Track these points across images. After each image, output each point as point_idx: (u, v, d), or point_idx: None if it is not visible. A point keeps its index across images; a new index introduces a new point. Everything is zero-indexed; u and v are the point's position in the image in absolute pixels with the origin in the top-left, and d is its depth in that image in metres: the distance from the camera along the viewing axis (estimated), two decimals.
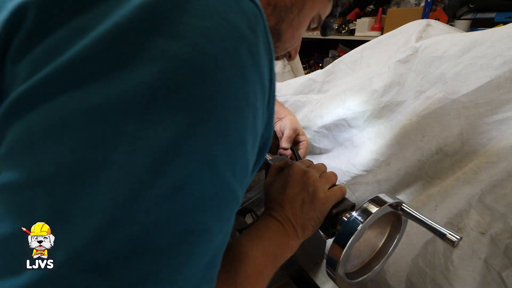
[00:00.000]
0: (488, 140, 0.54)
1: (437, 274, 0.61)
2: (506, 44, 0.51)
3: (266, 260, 0.37)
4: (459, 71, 0.56)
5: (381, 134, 0.71)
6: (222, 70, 0.21)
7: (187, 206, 0.20)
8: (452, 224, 0.59)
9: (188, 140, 0.20)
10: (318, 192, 0.42)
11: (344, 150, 0.81)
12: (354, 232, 0.37)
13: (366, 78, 0.77)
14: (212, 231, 0.22)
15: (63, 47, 0.19)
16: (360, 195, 0.75)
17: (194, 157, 0.20)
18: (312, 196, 0.42)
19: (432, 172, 0.62)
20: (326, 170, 0.49)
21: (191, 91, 0.20)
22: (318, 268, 0.65)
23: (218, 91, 0.21)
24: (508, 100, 0.51)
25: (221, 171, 0.22)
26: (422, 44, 0.64)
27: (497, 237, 0.53)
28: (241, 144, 0.23)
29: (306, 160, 0.56)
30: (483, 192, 0.54)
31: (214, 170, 0.21)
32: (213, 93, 0.21)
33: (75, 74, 0.19)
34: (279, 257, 0.39)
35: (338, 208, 0.43)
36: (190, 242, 0.21)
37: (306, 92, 0.99)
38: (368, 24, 2.18)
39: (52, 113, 0.19)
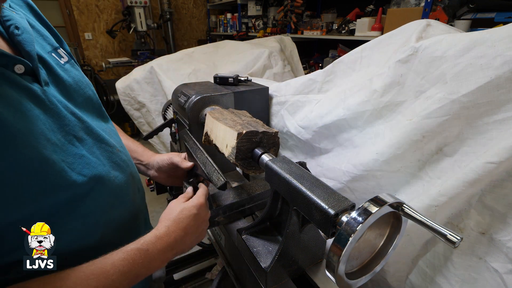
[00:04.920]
0: (488, 140, 0.54)
1: (437, 274, 0.61)
2: (506, 44, 0.51)
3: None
4: (459, 71, 0.56)
5: (381, 134, 0.71)
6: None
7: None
8: (452, 224, 0.59)
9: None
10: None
11: (344, 150, 0.81)
12: (354, 232, 0.37)
13: (366, 78, 0.77)
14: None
15: None
16: (360, 195, 0.75)
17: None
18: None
19: (432, 172, 0.62)
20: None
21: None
22: (318, 268, 0.65)
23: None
24: (508, 100, 0.51)
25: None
26: (422, 44, 0.64)
27: (497, 237, 0.53)
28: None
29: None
30: (483, 192, 0.54)
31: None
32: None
33: None
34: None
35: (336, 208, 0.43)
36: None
37: (306, 92, 0.99)
38: (368, 24, 2.18)
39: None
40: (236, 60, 1.69)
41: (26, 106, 0.42)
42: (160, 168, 0.78)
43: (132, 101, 1.80)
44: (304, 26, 2.82)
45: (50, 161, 0.43)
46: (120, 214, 0.57)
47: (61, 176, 0.44)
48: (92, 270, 0.44)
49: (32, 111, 0.43)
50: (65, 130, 0.48)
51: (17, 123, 0.40)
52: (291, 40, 1.98)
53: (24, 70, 0.44)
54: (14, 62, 0.43)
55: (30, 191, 0.40)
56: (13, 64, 0.43)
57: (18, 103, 0.41)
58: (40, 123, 0.43)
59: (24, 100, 0.42)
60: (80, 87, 0.57)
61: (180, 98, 0.98)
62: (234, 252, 0.75)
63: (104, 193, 0.52)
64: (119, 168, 0.57)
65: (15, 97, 0.41)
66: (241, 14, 3.88)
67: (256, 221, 0.68)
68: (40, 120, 0.44)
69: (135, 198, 0.63)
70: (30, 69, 0.45)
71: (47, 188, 0.42)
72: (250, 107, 1.01)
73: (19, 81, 0.43)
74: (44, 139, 0.43)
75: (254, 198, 0.81)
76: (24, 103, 0.42)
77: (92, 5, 3.89)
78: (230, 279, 0.78)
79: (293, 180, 0.50)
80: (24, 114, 0.41)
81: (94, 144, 0.53)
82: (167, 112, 1.42)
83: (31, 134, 0.41)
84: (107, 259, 0.46)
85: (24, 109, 0.42)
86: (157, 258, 0.51)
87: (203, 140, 0.79)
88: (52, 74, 0.51)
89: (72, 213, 0.47)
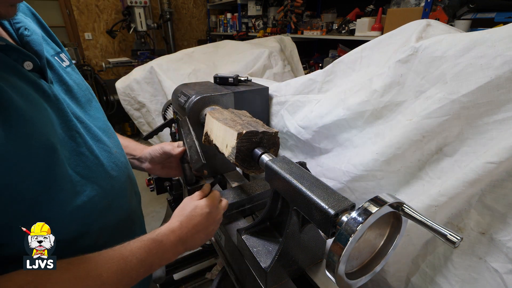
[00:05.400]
0: (488, 140, 0.54)
1: (437, 274, 0.61)
2: (506, 44, 0.51)
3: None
4: (459, 71, 0.56)
5: (381, 134, 0.71)
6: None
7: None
8: (452, 224, 0.59)
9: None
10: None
11: (344, 150, 0.81)
12: (354, 232, 0.37)
13: (366, 78, 0.77)
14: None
15: None
16: (360, 195, 0.75)
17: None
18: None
19: (432, 172, 0.62)
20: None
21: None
22: (318, 268, 0.65)
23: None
24: (508, 100, 0.51)
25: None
26: (422, 44, 0.64)
27: (497, 237, 0.53)
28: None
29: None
30: (483, 192, 0.54)
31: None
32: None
33: None
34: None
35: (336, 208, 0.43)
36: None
37: (306, 92, 0.99)
38: (368, 24, 2.18)
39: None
40: (236, 60, 1.69)
41: (35, 97, 0.44)
42: (153, 159, 0.79)
43: (132, 101, 1.80)
44: (304, 26, 2.82)
45: (56, 151, 0.44)
46: (117, 217, 0.57)
47: (60, 169, 0.45)
48: (111, 255, 0.46)
49: (40, 102, 0.45)
50: (67, 126, 0.49)
51: (27, 109, 0.41)
52: (291, 40, 1.98)
53: (33, 67, 0.46)
54: (24, 59, 0.45)
55: (32, 178, 0.41)
56: (23, 60, 0.45)
57: (28, 93, 0.43)
58: (48, 114, 0.45)
59: (32, 92, 0.44)
60: (81, 89, 0.59)
61: (180, 98, 0.98)
62: (234, 252, 0.75)
63: (101, 194, 0.52)
64: (116, 169, 0.57)
65: (25, 88, 0.43)
66: (241, 14, 3.88)
67: (256, 221, 0.68)
68: (48, 111, 0.46)
69: (131, 201, 0.63)
70: (38, 66, 0.47)
71: (48, 179, 0.43)
72: (250, 107, 1.01)
73: (28, 76, 0.45)
74: (51, 128, 0.45)
75: (254, 198, 0.81)
76: (33, 94, 0.44)
77: (92, 5, 3.89)
78: (230, 279, 0.78)
79: (293, 180, 0.50)
80: (34, 103, 0.43)
81: (92, 144, 0.53)
82: (167, 112, 1.42)
83: (40, 122, 0.43)
84: (124, 246, 0.49)
85: (33, 99, 0.44)
86: (170, 250, 0.53)
87: (203, 140, 0.79)
88: (56, 75, 0.53)
89: (67, 213, 0.47)
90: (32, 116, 0.42)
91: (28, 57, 0.46)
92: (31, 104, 0.42)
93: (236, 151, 0.62)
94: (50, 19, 3.70)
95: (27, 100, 0.42)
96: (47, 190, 0.43)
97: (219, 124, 0.69)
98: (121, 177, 0.58)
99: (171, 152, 0.76)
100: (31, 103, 0.43)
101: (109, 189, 0.54)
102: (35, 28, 0.51)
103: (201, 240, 0.60)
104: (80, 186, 0.48)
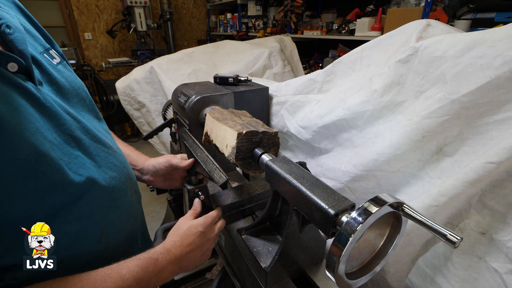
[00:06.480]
0: (488, 140, 0.54)
1: (437, 274, 0.61)
2: (506, 44, 0.51)
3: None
4: (459, 71, 0.56)
5: (381, 134, 0.71)
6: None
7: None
8: (452, 224, 0.59)
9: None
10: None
11: (344, 150, 0.81)
12: (354, 232, 0.37)
13: (366, 78, 0.77)
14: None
15: None
16: (360, 195, 0.75)
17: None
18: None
19: (432, 172, 0.62)
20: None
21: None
22: (318, 268, 0.65)
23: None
24: (508, 100, 0.51)
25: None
26: (422, 44, 0.64)
27: (497, 237, 0.53)
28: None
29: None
30: (483, 192, 0.54)
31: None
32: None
33: None
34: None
35: (336, 208, 0.43)
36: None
37: (306, 92, 0.99)
38: (368, 24, 2.18)
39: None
40: (236, 60, 1.70)
41: (20, 103, 0.41)
42: (157, 171, 0.78)
43: (132, 101, 1.80)
44: (304, 26, 2.82)
45: (48, 158, 0.42)
46: (118, 216, 0.57)
47: (59, 174, 0.43)
48: (109, 273, 0.46)
49: (26, 108, 0.42)
50: (61, 129, 0.47)
51: (11, 118, 0.39)
52: (291, 40, 1.98)
53: (18, 69, 0.43)
54: (7, 60, 0.42)
55: (27, 188, 0.40)
56: (6, 62, 0.42)
57: (12, 99, 0.40)
58: (35, 120, 0.43)
59: (18, 98, 0.41)
60: (74, 87, 0.56)
61: (180, 98, 0.98)
62: (234, 252, 0.75)
63: (102, 194, 0.51)
64: (116, 169, 0.57)
65: (9, 93, 0.40)
66: (241, 14, 3.88)
67: (256, 221, 0.68)
68: (35, 117, 0.43)
69: (132, 200, 0.63)
70: (24, 67, 0.44)
71: (44, 186, 0.42)
72: (250, 107, 1.01)
73: (13, 79, 0.42)
74: (40, 136, 0.42)
75: (254, 198, 0.81)
76: (18, 100, 0.41)
77: (92, 5, 3.89)
78: (230, 279, 0.78)
79: (293, 180, 0.50)
80: (19, 110, 0.40)
81: (90, 145, 0.52)
82: (167, 112, 1.42)
83: (27, 130, 0.40)
84: (121, 264, 0.49)
85: (18, 105, 0.41)
86: (166, 269, 0.54)
87: (203, 140, 0.79)
88: (45, 74, 0.50)
89: (70, 215, 0.46)
90: (17, 125, 0.39)
91: (12, 58, 0.42)
92: (16, 111, 0.40)
93: (236, 151, 0.62)
94: (50, 19, 3.69)
95: (11, 107, 0.39)
96: (41, 198, 0.42)
97: (219, 124, 0.69)
98: (121, 177, 0.58)
99: (178, 165, 0.74)
100: (16, 109, 0.40)
101: (110, 188, 0.54)
102: (17, 24, 0.47)
103: (196, 260, 0.61)
104: (83, 187, 0.48)
